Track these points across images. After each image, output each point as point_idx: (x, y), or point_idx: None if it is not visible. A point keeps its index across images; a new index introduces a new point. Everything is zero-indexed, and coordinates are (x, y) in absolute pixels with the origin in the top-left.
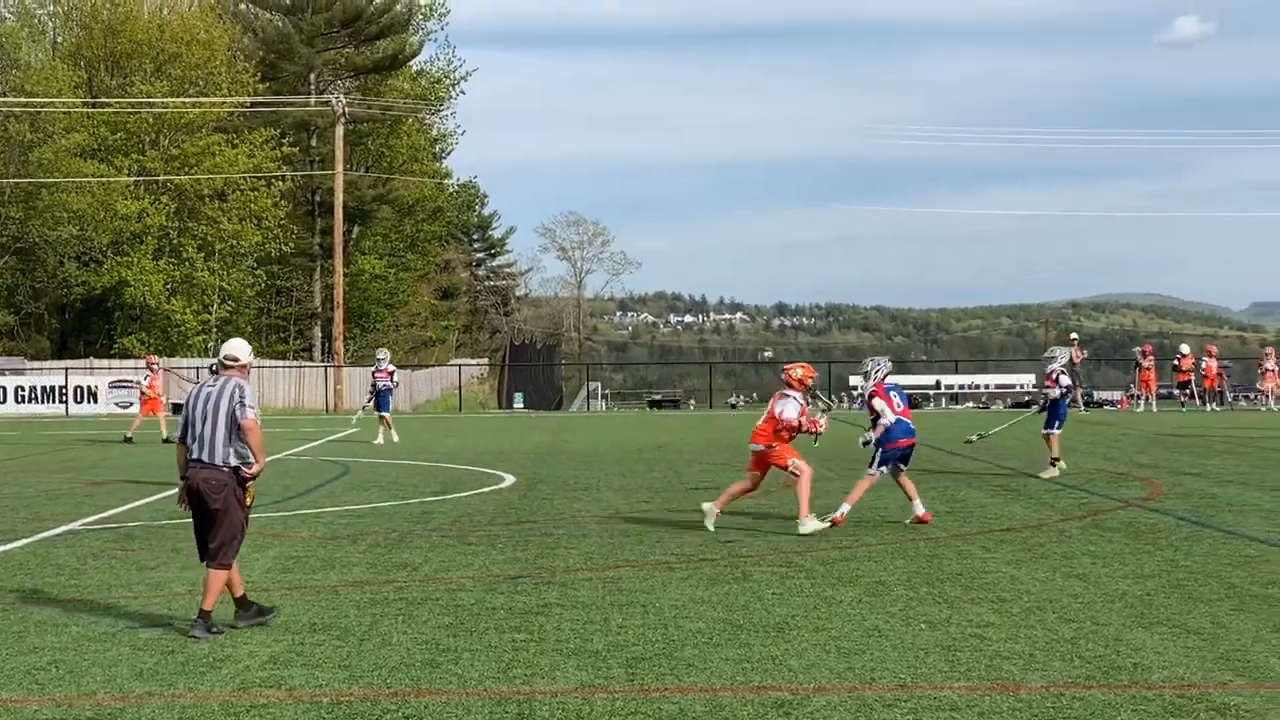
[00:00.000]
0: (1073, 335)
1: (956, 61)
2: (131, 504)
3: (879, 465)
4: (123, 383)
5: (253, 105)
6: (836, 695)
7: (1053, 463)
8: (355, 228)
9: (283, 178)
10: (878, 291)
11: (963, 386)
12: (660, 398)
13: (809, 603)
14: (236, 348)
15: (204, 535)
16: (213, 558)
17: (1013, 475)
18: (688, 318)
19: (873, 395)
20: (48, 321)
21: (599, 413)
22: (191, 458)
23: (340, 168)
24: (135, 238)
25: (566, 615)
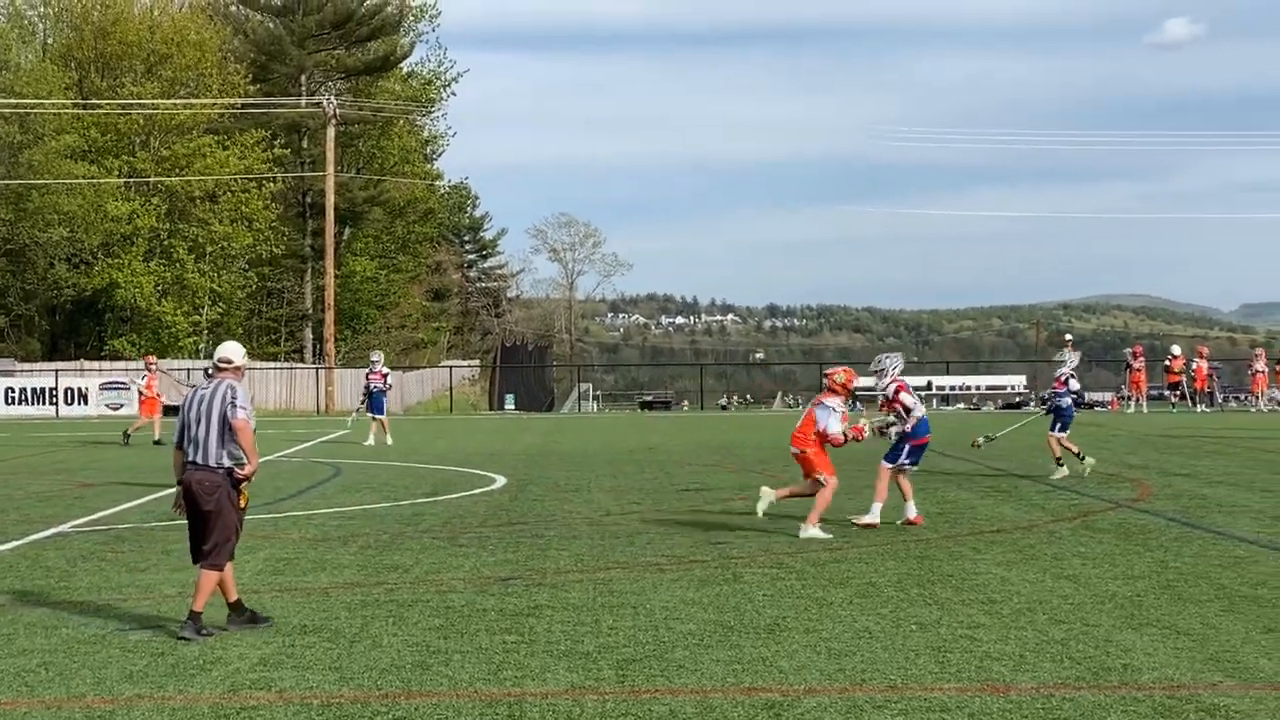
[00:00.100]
0: (1067, 336)
1: (946, 63)
2: (122, 506)
3: (906, 458)
4: (113, 384)
5: (244, 107)
6: (827, 696)
7: (1058, 463)
8: (346, 229)
9: (274, 179)
10: (869, 293)
11: (954, 388)
12: (651, 399)
13: (800, 604)
14: (230, 350)
15: (197, 537)
16: (205, 559)
17: (1003, 476)
18: (679, 319)
19: (899, 390)
20: (38, 323)
21: (590, 414)
22: (187, 460)
23: (331, 169)
24: (126, 239)
25: (557, 617)
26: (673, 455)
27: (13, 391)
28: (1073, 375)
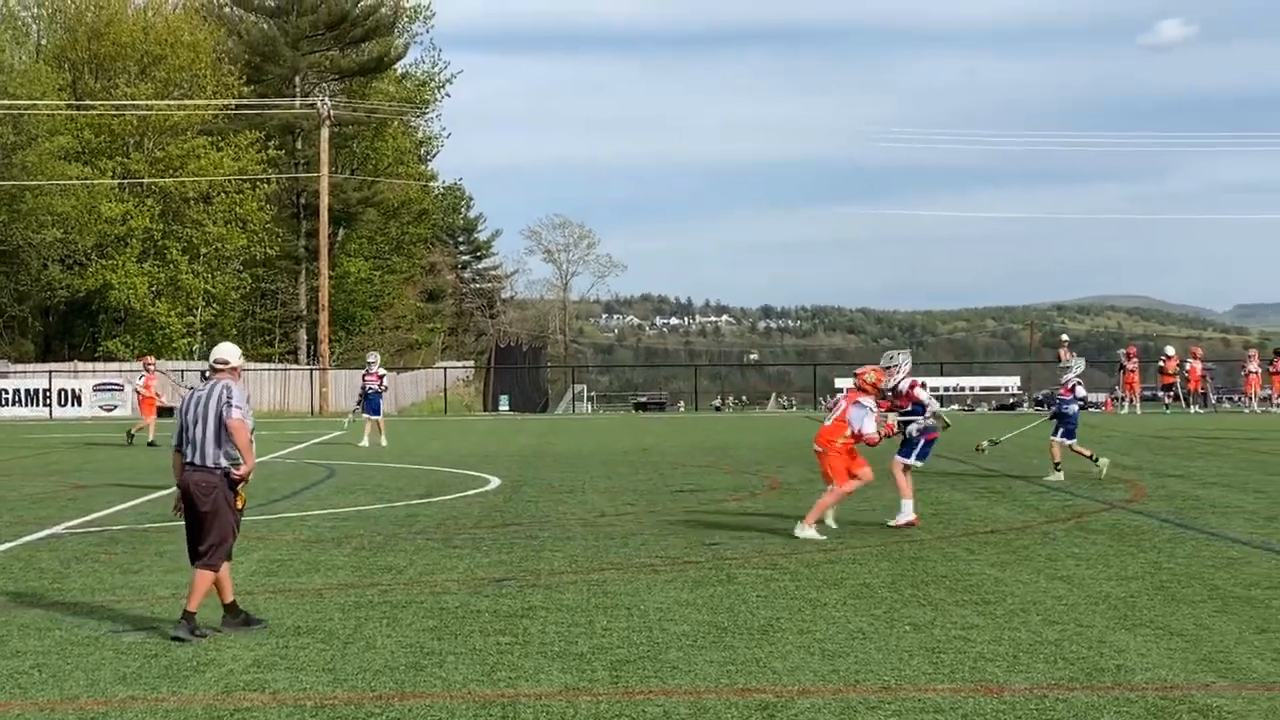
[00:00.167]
0: (1064, 338)
1: (939, 64)
2: (115, 507)
3: (918, 455)
4: (107, 386)
5: (238, 108)
6: (821, 697)
7: (1055, 468)
8: (340, 230)
9: (268, 180)
10: (863, 294)
11: (948, 388)
12: (646, 400)
13: (794, 605)
14: (226, 351)
15: (194, 537)
16: (200, 558)
17: (997, 477)
18: (673, 320)
19: (913, 386)
20: (32, 324)
21: (584, 415)
22: (185, 461)
23: (325, 170)
24: (120, 241)
25: (551, 618)
26: (667, 456)
27: (6, 393)
28: (1079, 381)
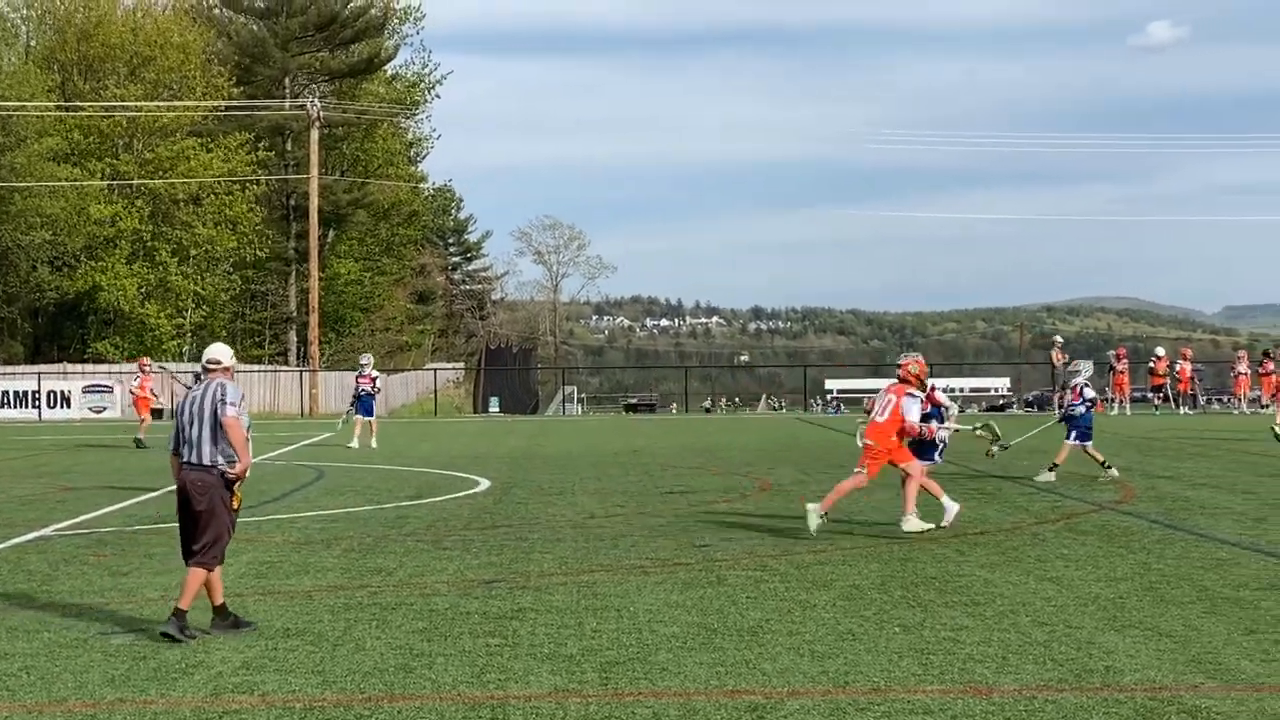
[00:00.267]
0: (1056, 339)
1: (930, 66)
2: (104, 509)
3: (939, 456)
4: (96, 387)
5: (227, 109)
6: (810, 699)
7: (1052, 468)
8: (330, 232)
9: (257, 182)
10: (853, 295)
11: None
12: (636, 402)
13: (783, 606)
14: (218, 351)
15: (188, 536)
16: (195, 557)
17: (987, 478)
18: (664, 321)
19: (932, 389)
20: (20, 326)
21: (575, 417)
22: (183, 461)
23: (315, 172)
24: (109, 242)
25: (541, 620)
26: (657, 458)
27: None
28: (1087, 384)
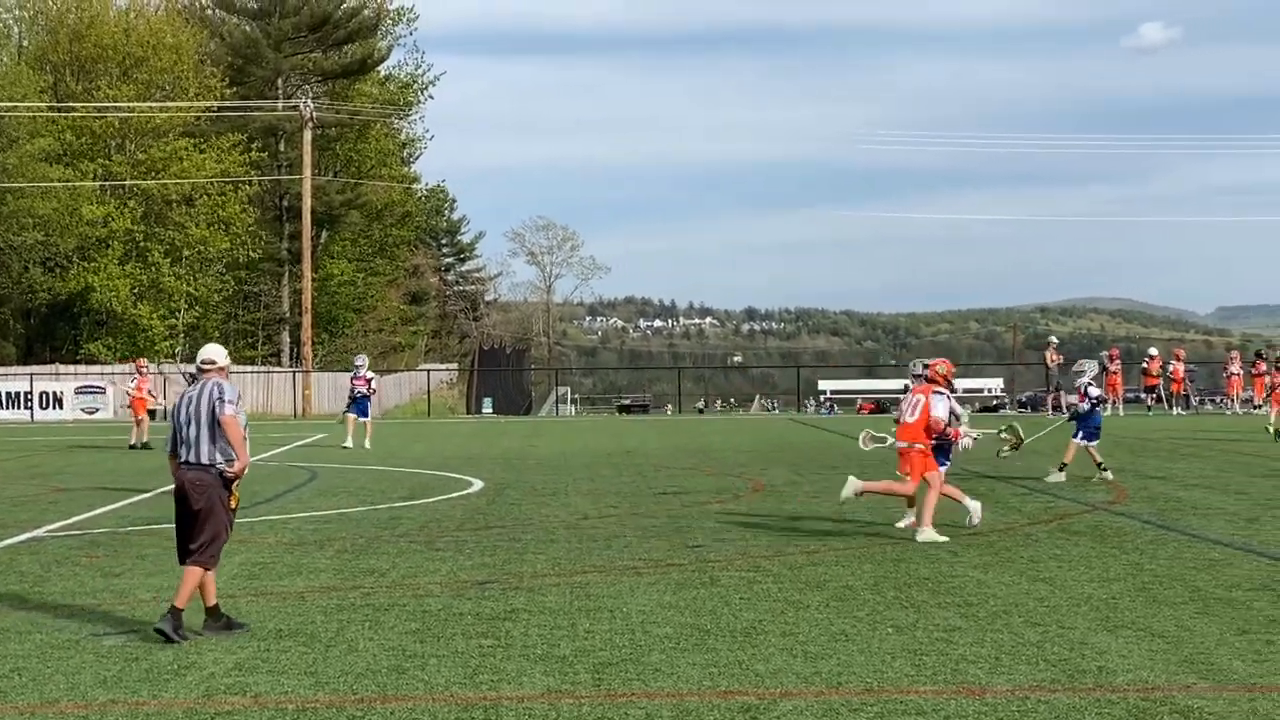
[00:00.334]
0: (1051, 339)
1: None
2: (97, 510)
3: (950, 459)
4: (89, 388)
5: (220, 110)
6: (803, 700)
7: (1061, 467)
8: (323, 232)
9: (250, 183)
10: (847, 296)
11: None
12: (630, 402)
13: (776, 607)
14: (212, 352)
15: (185, 535)
16: (191, 556)
17: (980, 479)
18: (657, 322)
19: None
20: (13, 327)
21: (568, 418)
22: (181, 461)
23: (308, 172)
24: (101, 243)
25: (534, 621)
26: (650, 459)
27: None
28: (1091, 383)
